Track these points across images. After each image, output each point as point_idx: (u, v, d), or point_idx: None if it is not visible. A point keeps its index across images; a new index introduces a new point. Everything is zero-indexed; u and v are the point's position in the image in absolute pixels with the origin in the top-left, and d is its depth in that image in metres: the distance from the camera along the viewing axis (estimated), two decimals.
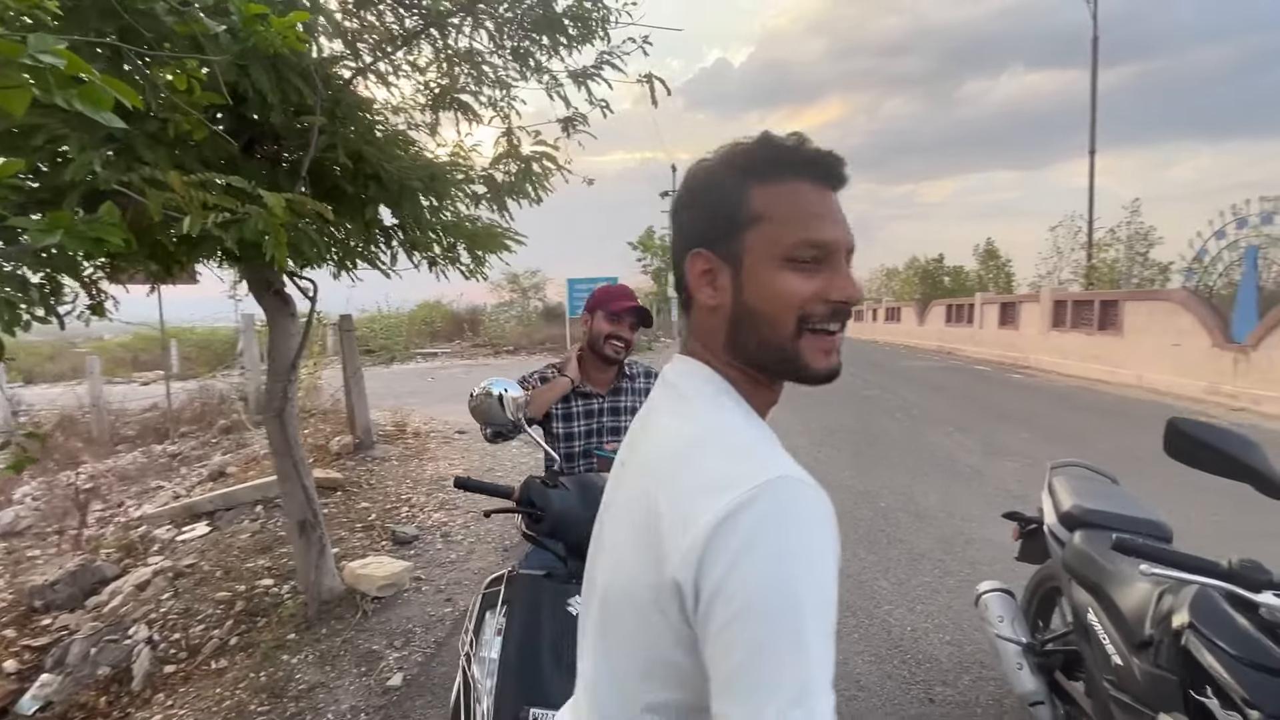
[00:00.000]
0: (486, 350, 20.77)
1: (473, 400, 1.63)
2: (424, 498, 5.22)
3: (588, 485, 1.51)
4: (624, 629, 0.66)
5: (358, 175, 3.13)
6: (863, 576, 3.69)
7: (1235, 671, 1.23)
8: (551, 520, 1.44)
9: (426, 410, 9.39)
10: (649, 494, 0.64)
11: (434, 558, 4.09)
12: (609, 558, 0.72)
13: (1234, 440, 1.24)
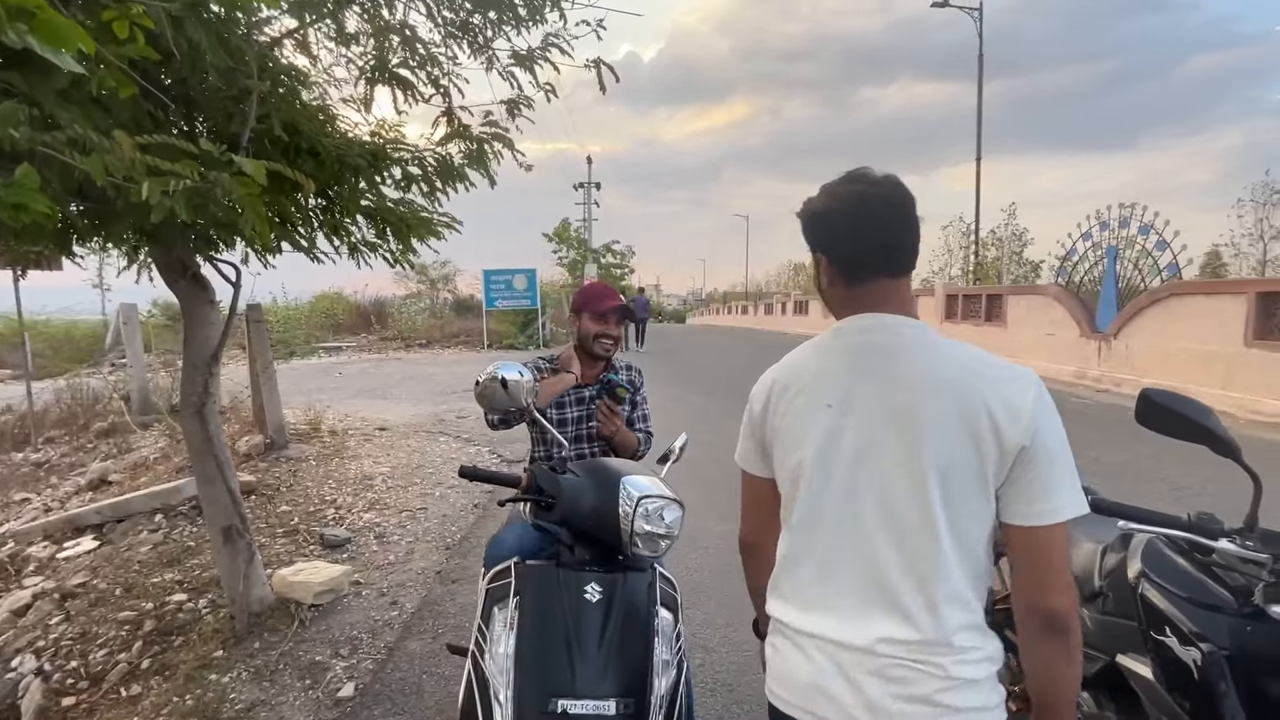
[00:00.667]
0: (396, 344, 19.80)
1: (479, 386, 1.55)
2: (351, 498, 4.92)
3: (598, 470, 1.48)
4: (968, 491, 0.94)
5: (290, 150, 2.89)
6: None
7: (1185, 610, 1.39)
8: (563, 507, 1.40)
9: (340, 406, 8.85)
10: (964, 397, 0.93)
11: (371, 560, 3.87)
12: (937, 452, 0.93)
13: (1195, 407, 1.41)
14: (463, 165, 3.81)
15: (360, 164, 2.90)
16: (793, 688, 1.01)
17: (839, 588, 0.99)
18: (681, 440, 2.00)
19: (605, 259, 34.03)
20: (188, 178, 1.36)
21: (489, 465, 5.77)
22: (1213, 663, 1.31)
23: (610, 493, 1.41)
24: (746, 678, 2.66)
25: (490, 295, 19.71)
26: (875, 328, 1.02)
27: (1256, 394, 8.03)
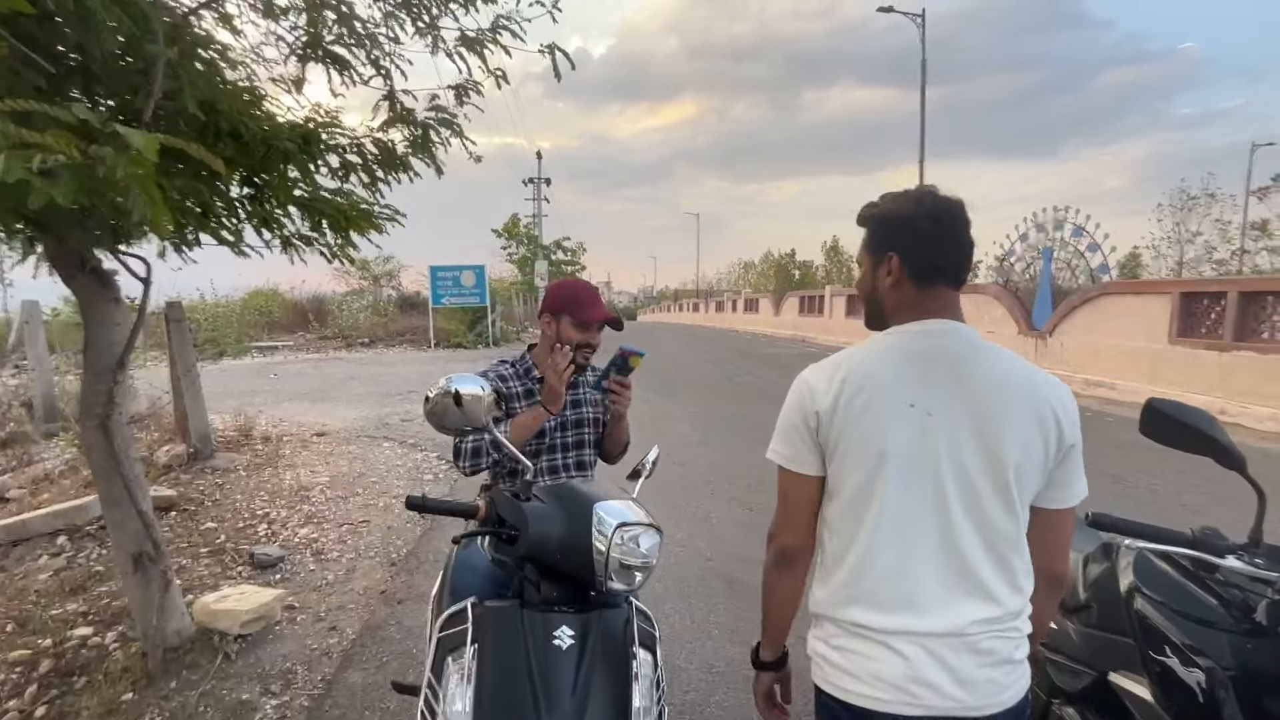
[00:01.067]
0: (337, 343, 18.94)
1: (429, 403, 1.34)
2: (285, 511, 4.57)
3: (567, 495, 1.30)
4: (1033, 480, 1.08)
5: (208, 130, 2.59)
6: None
7: (1186, 629, 1.33)
8: (528, 540, 1.22)
9: (274, 411, 8.32)
10: (1034, 399, 1.07)
11: (307, 580, 3.56)
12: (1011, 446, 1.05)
13: (1200, 416, 1.34)
14: (406, 153, 3.55)
15: (290, 148, 2.62)
16: (885, 686, 1.06)
17: (923, 580, 1.06)
18: (654, 454, 1.84)
19: (556, 255, 33.59)
20: (61, 153, 1.11)
21: (439, 477, 5.47)
22: (1219, 685, 1.24)
23: (582, 521, 1.24)
24: (715, 697, 2.54)
25: (437, 292, 19.09)
26: (946, 332, 1.11)
27: (1180, 389, 8.49)
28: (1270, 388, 7.47)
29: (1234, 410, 7.75)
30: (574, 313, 1.80)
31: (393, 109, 3.40)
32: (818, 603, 1.15)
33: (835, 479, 1.11)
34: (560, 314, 1.82)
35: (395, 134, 3.37)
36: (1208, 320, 8.45)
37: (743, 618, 3.10)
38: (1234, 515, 5.05)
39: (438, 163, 3.23)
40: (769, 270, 38.29)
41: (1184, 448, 1.36)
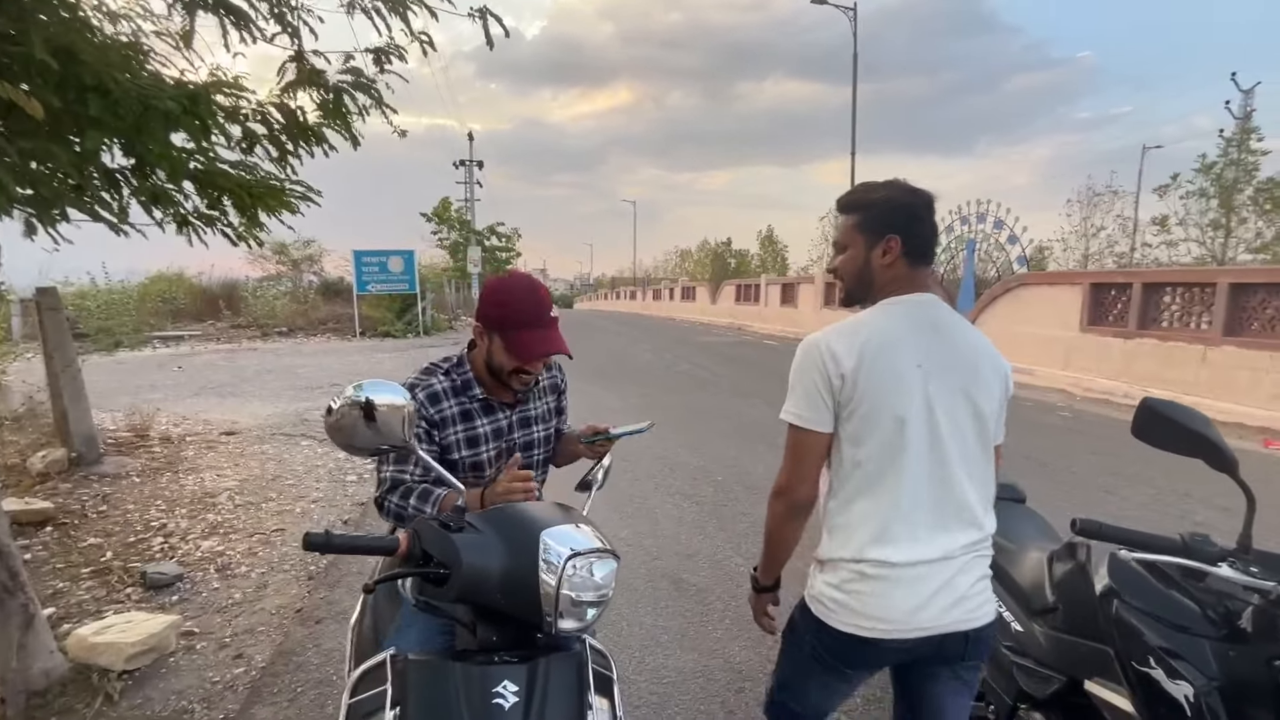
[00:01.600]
0: (252, 332, 17.68)
1: (332, 415, 1.08)
2: (186, 522, 4.10)
3: (505, 521, 1.09)
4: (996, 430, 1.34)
5: (67, 84, 2.18)
6: (718, 556, 3.67)
7: (1170, 639, 1.27)
8: (462, 579, 1.00)
9: (177, 407, 7.60)
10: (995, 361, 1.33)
11: (210, 601, 3.18)
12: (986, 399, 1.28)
13: (1198, 418, 1.28)
14: (319, 123, 3.17)
15: (172, 108, 2.24)
16: (895, 617, 1.24)
17: (934, 517, 1.26)
18: (606, 461, 1.65)
19: (490, 241, 32.62)
20: None
21: (364, 478, 5.08)
22: (1208, 698, 1.19)
23: (525, 552, 1.04)
24: (668, 710, 2.40)
25: (362, 278, 18.10)
26: (934, 304, 1.31)
27: (1089, 373, 9.04)
28: (1169, 373, 8.03)
29: (1137, 394, 8.28)
30: (509, 336, 1.42)
31: (301, 71, 3.03)
32: (833, 550, 1.31)
33: (857, 435, 1.24)
34: (494, 333, 1.44)
35: (305, 100, 3.00)
36: (1115, 310, 9.01)
37: (693, 622, 2.97)
38: (1143, 495, 5.30)
39: (354, 133, 2.89)
40: (705, 259, 38.60)
41: (1176, 449, 1.29)
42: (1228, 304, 7.51)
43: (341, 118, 2.75)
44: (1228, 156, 18.61)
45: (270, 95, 3.08)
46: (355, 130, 2.91)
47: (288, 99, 2.78)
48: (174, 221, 3.65)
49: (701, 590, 3.26)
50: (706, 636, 2.87)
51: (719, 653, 2.74)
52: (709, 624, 2.97)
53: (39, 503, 4.05)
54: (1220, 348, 7.53)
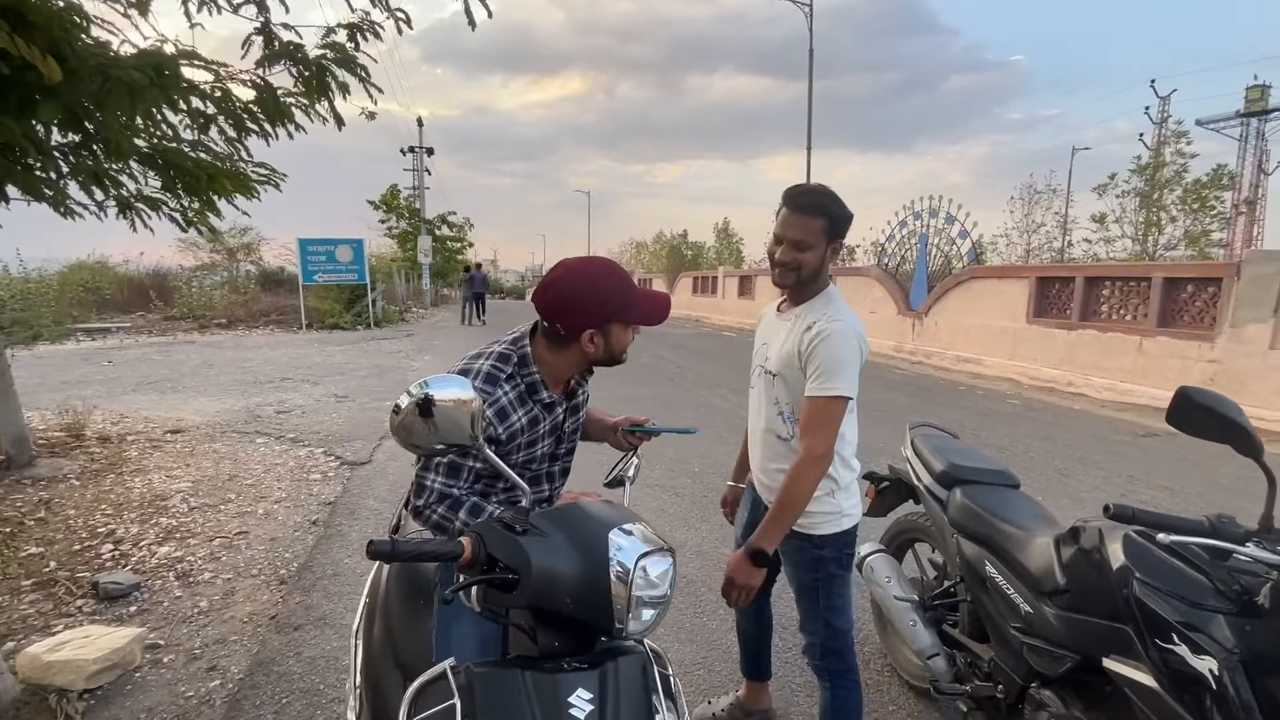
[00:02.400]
0: (188, 324, 16.71)
1: (400, 415, 0.99)
2: (137, 527, 3.83)
3: (572, 522, 1.03)
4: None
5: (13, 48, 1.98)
6: (705, 547, 3.67)
7: (1191, 616, 1.32)
8: (533, 585, 0.94)
9: (112, 404, 7.12)
10: None
11: (173, 611, 2.98)
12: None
13: (1232, 405, 1.32)
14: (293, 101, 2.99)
15: (136, 79, 2.06)
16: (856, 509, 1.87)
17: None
18: (638, 458, 1.60)
19: (440, 230, 31.79)
20: None
21: (329, 476, 4.85)
22: (1233, 672, 1.24)
23: (596, 554, 0.99)
24: None
25: (308, 268, 17.33)
26: None
27: (1035, 363, 9.49)
28: (1108, 361, 8.51)
29: (1079, 382, 8.77)
30: (626, 315, 1.35)
31: (269, 46, 2.84)
32: (849, 477, 1.83)
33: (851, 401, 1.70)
34: (610, 322, 1.34)
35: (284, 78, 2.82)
36: (1059, 302, 9.48)
37: (687, 614, 2.96)
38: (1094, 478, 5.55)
39: (337, 113, 2.72)
40: (661, 251, 38.69)
41: (1208, 436, 1.34)
42: (1161, 297, 8.00)
43: (326, 95, 2.58)
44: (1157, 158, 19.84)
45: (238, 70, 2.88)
46: (338, 111, 2.74)
47: (263, 74, 2.60)
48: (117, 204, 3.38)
49: (692, 582, 3.26)
50: (703, 628, 2.86)
51: (717, 644, 2.73)
52: (703, 615, 2.96)
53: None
54: (1154, 338, 8.03)
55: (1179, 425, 1.39)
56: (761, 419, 1.86)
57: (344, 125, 2.74)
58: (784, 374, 1.75)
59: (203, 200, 3.51)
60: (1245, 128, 33.45)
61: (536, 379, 1.38)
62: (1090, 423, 7.08)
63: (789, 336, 1.75)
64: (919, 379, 10.14)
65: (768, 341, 1.84)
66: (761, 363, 1.85)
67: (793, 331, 1.74)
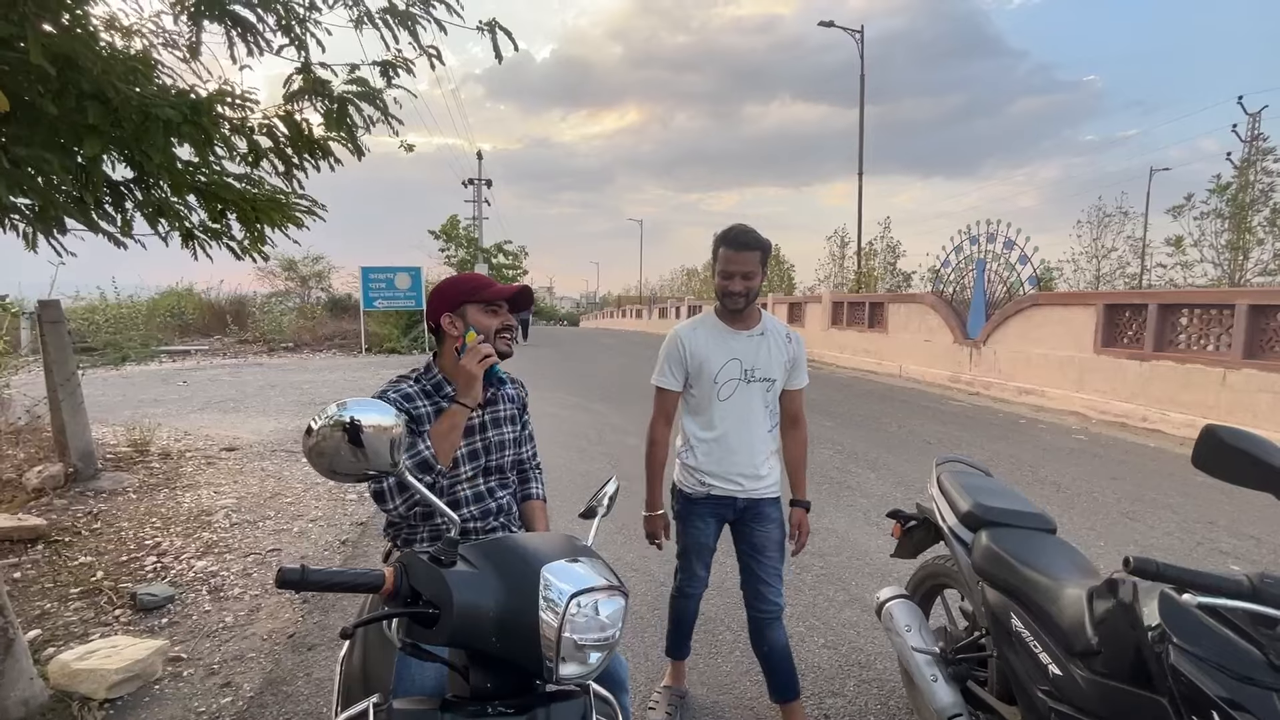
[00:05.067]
0: (259, 347, 17.71)
1: (312, 437, 0.99)
2: (180, 540, 4.01)
3: (503, 554, 0.99)
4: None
5: (66, 91, 2.14)
6: (728, 584, 3.52)
7: (1234, 690, 1.15)
8: (454, 622, 0.90)
9: (179, 422, 7.54)
10: None
11: (200, 625, 3.07)
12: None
13: (1268, 447, 1.17)
14: (324, 135, 3.13)
15: (172, 116, 2.19)
16: None
17: None
18: (612, 486, 1.55)
19: (497, 259, 32.79)
20: None
21: (365, 497, 4.96)
22: None
23: (524, 589, 0.94)
24: None
25: (369, 295, 18.14)
26: None
27: (1105, 396, 8.86)
28: (1186, 395, 7.86)
29: (1154, 417, 8.12)
30: (477, 297, 1.56)
31: (306, 82, 2.99)
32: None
33: None
34: (463, 306, 1.56)
35: (310, 112, 2.96)
36: (1129, 331, 8.86)
37: (701, 654, 2.83)
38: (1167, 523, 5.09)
39: (358, 145, 2.84)
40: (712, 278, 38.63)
41: (1243, 482, 1.18)
42: (1247, 325, 7.36)
43: (345, 128, 2.70)
44: (1243, 177, 18.52)
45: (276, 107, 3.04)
46: (360, 142, 2.86)
47: (293, 109, 2.74)
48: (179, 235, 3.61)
49: (710, 620, 3.13)
50: (716, 670, 2.73)
51: (730, 688, 2.60)
52: (719, 656, 2.83)
53: (31, 519, 3.97)
54: (1240, 370, 7.37)
55: (1207, 469, 1.24)
56: (753, 422, 2.13)
57: (364, 156, 2.85)
58: (778, 379, 2.15)
59: (254, 230, 3.72)
60: None
61: (440, 379, 1.58)
62: (1166, 462, 6.51)
63: (774, 348, 2.13)
64: (976, 411, 9.62)
65: (740, 357, 2.10)
66: (743, 375, 2.10)
67: (774, 344, 2.14)
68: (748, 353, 2.11)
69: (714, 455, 2.14)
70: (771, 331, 2.16)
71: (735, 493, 2.16)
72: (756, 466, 2.15)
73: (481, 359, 1.47)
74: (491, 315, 1.57)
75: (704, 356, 2.11)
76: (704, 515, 2.21)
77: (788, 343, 2.17)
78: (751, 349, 2.11)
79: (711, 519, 2.22)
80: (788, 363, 2.16)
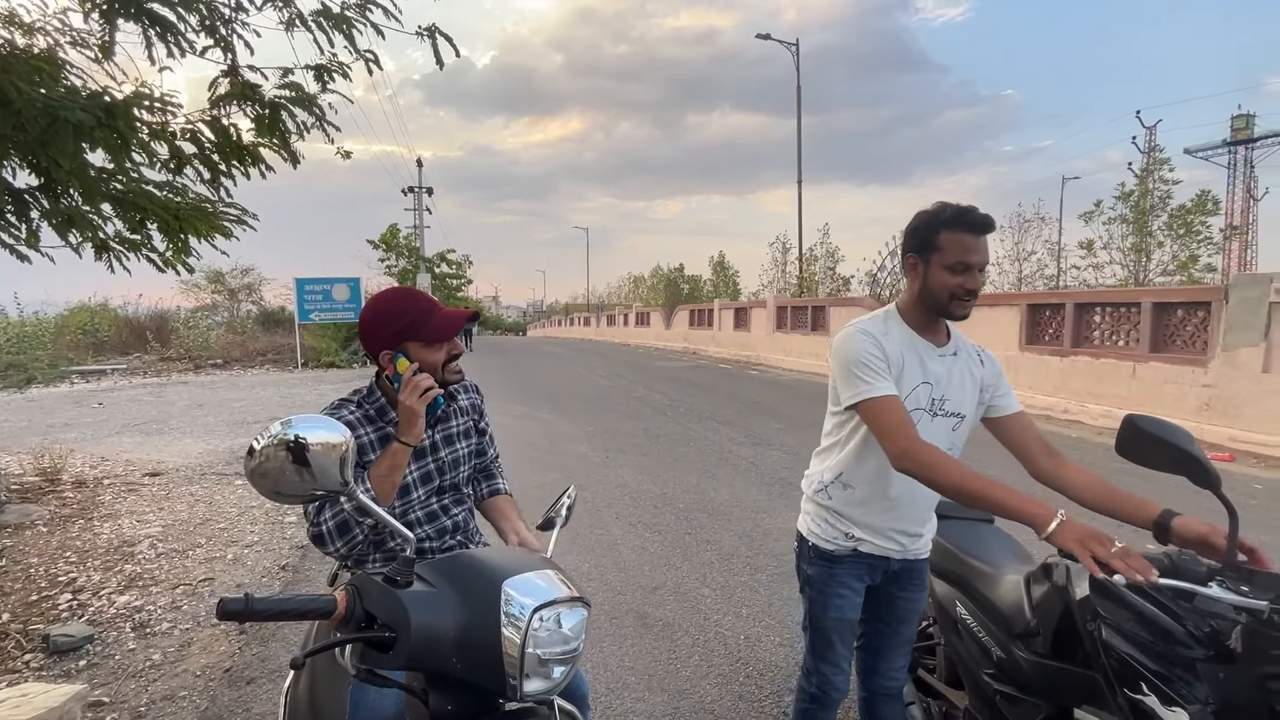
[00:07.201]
0: (183, 364, 16.71)
1: (255, 459, 0.93)
2: (99, 575, 3.72)
3: (462, 572, 0.96)
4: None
5: None
6: (684, 587, 3.54)
7: (1160, 663, 1.22)
8: (411, 644, 0.87)
9: (95, 447, 7.03)
10: None
11: (123, 665, 2.85)
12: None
13: (1181, 433, 1.25)
14: (254, 141, 3.00)
15: (84, 120, 2.05)
16: None
17: None
18: (569, 496, 1.52)
19: (440, 268, 32.07)
20: None
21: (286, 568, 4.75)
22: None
23: (485, 606, 0.91)
24: None
25: (304, 307, 17.43)
26: None
27: (1030, 391, 9.39)
28: (1102, 388, 8.42)
29: (1075, 409, 8.66)
30: (419, 334, 1.38)
31: (234, 85, 2.86)
32: None
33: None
34: (405, 342, 1.38)
35: (240, 117, 2.83)
36: (1050, 329, 9.43)
37: (660, 660, 2.83)
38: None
39: (292, 152, 2.72)
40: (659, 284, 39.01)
41: (1160, 466, 1.27)
42: (1152, 322, 7.95)
43: (278, 135, 2.59)
44: (1144, 185, 20.09)
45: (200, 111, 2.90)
46: (294, 149, 2.75)
47: (220, 114, 2.61)
48: (93, 246, 3.37)
49: (668, 625, 3.13)
50: (675, 675, 2.73)
51: (690, 693, 2.60)
52: (677, 662, 2.83)
53: None
54: (1148, 364, 7.95)
55: (1129, 456, 1.32)
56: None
57: (299, 164, 2.74)
58: (967, 416, 1.64)
59: (178, 241, 3.51)
60: (1233, 155, 33.99)
61: (383, 403, 1.44)
62: (1086, 450, 6.95)
63: (966, 374, 1.62)
64: None
65: (932, 381, 1.57)
66: (930, 406, 1.59)
67: (966, 368, 1.62)
68: (940, 377, 1.58)
69: (870, 506, 1.64)
70: (964, 351, 1.64)
71: (891, 552, 1.67)
72: (921, 522, 1.69)
73: (422, 394, 1.33)
74: (437, 351, 1.41)
75: (898, 370, 1.55)
76: (849, 581, 1.69)
77: (980, 366, 1.65)
78: (944, 373, 1.59)
79: (860, 585, 1.70)
80: (980, 393, 1.64)
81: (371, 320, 1.41)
